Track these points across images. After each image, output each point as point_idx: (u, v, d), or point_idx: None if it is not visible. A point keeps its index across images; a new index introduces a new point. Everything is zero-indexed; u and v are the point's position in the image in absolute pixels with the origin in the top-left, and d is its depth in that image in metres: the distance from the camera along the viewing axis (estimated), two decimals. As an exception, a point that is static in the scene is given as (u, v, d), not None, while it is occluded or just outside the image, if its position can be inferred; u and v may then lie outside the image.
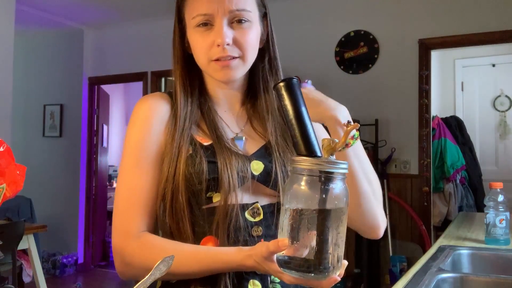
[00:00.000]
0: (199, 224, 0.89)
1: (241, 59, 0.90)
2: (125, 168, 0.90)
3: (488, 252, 1.57)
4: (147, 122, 0.91)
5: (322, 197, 0.67)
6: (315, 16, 4.15)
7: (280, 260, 0.69)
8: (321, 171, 0.67)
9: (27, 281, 3.46)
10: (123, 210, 0.88)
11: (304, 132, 0.74)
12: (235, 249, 0.80)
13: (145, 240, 0.85)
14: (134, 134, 0.91)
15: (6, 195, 0.72)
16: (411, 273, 1.26)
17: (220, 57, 0.88)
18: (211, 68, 0.90)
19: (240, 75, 0.92)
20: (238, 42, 0.89)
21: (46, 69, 5.52)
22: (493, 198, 1.66)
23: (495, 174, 4.71)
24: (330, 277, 0.67)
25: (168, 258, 0.67)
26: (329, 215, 0.66)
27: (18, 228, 2.85)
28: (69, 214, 5.26)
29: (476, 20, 3.62)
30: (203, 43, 0.89)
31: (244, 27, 0.89)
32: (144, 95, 0.98)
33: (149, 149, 0.90)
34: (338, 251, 0.68)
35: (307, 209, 0.67)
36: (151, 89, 5.01)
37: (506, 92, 5.02)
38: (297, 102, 0.76)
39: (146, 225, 0.88)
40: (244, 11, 0.89)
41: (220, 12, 0.87)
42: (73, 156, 5.31)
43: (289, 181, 0.70)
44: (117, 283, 4.93)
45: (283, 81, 0.77)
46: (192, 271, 0.83)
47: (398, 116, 3.85)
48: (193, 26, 0.90)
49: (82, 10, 4.77)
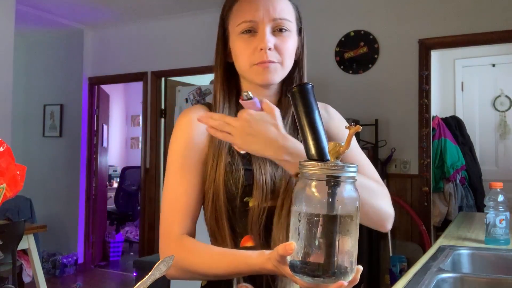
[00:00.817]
0: (237, 224, 0.96)
1: (280, 65, 0.97)
2: (170, 175, 0.98)
3: (488, 252, 1.57)
4: (188, 133, 0.99)
5: (329, 201, 0.67)
6: (315, 16, 4.15)
7: (292, 264, 0.69)
8: (328, 175, 0.67)
9: (27, 281, 3.47)
10: (167, 214, 0.96)
11: (315, 137, 0.75)
12: (258, 253, 0.83)
13: (184, 243, 0.93)
14: (177, 145, 0.99)
15: (6, 195, 0.72)
16: (411, 273, 1.26)
17: (262, 61, 0.94)
18: (253, 72, 0.96)
19: (278, 79, 0.98)
20: (278, 48, 0.96)
21: (46, 69, 5.52)
22: (493, 198, 1.66)
23: (495, 174, 4.72)
24: (337, 282, 0.67)
25: (168, 258, 0.67)
26: (336, 220, 0.66)
27: (18, 228, 2.85)
28: (69, 214, 5.26)
29: (476, 20, 3.62)
30: (247, 48, 0.96)
31: (285, 35, 0.97)
32: (186, 109, 1.06)
33: (190, 158, 0.98)
34: (348, 256, 0.67)
35: (315, 213, 0.67)
36: (151, 89, 5.01)
37: (506, 92, 5.02)
38: (310, 107, 0.77)
39: (186, 228, 0.95)
40: (286, 20, 0.96)
41: (264, 20, 0.95)
42: (73, 156, 5.31)
43: (298, 185, 0.71)
44: (117, 283, 4.93)
45: (297, 86, 0.79)
46: (221, 273, 0.88)
47: (398, 116, 3.85)
48: (238, 33, 0.97)
49: (82, 10, 4.77)
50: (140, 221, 5.11)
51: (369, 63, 3.96)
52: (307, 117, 0.77)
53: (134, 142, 8.03)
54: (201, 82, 4.08)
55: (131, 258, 5.52)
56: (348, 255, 0.67)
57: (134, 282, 4.11)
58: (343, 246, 0.67)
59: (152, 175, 4.93)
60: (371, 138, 3.86)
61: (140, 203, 5.34)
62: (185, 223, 0.95)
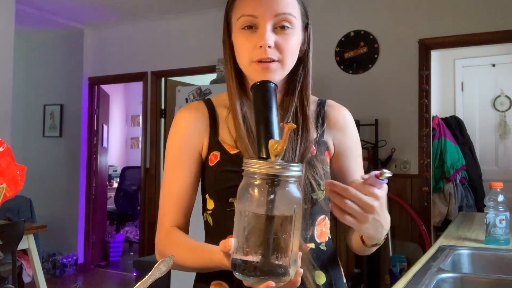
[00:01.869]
0: (228, 223, 0.94)
1: (280, 63, 0.93)
2: (165, 169, 1.02)
3: (488, 252, 1.57)
4: (185, 129, 1.01)
5: (267, 201, 0.65)
6: (315, 16, 4.13)
7: (233, 261, 0.69)
8: (268, 174, 0.65)
9: (27, 281, 3.47)
10: (161, 207, 1.02)
11: (265, 136, 0.74)
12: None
13: (170, 235, 0.97)
14: (172, 141, 1.02)
15: (6, 195, 0.72)
16: (411, 273, 1.26)
17: (261, 58, 0.91)
18: (252, 69, 0.94)
19: (278, 79, 0.94)
20: (279, 46, 0.92)
21: (46, 69, 5.52)
22: (493, 198, 1.66)
23: (495, 174, 4.71)
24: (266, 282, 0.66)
25: (168, 258, 0.68)
26: (272, 220, 0.65)
27: (18, 228, 2.85)
28: (69, 214, 5.26)
29: (476, 20, 3.62)
30: (246, 44, 0.92)
31: (287, 32, 0.92)
32: (184, 105, 1.06)
33: (184, 154, 1.00)
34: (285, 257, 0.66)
35: (253, 212, 0.66)
36: (151, 89, 5.01)
37: (506, 92, 5.02)
38: (267, 105, 0.77)
39: (176, 221, 0.99)
40: (290, 15, 0.92)
41: (266, 16, 0.91)
42: (73, 156, 5.31)
43: (242, 183, 0.69)
44: (117, 283, 4.93)
45: (260, 82, 0.79)
46: (194, 266, 0.91)
47: (398, 116, 3.85)
48: (238, 28, 0.94)
49: (82, 10, 4.77)
50: (140, 221, 5.11)
51: (369, 63, 3.96)
52: (263, 115, 0.76)
53: (134, 142, 8.03)
54: (201, 82, 4.08)
55: (131, 258, 5.52)
56: (285, 256, 0.66)
57: (134, 282, 4.11)
58: (280, 246, 0.65)
59: (152, 175, 4.94)
60: (371, 138, 3.86)
61: (140, 203, 5.34)
62: (175, 216, 0.99)
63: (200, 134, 1.00)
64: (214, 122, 1.01)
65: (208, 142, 1.00)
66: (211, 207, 1.00)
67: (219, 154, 0.98)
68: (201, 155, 1.01)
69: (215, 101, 1.05)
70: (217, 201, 0.97)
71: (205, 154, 1.00)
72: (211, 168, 0.98)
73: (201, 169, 1.02)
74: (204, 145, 1.01)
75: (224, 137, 0.99)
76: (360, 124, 3.86)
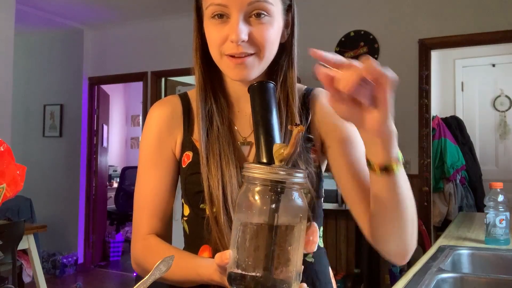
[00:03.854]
0: (202, 231, 0.87)
1: (257, 56, 0.81)
2: (138, 172, 0.95)
3: (488, 252, 1.57)
4: (155, 129, 0.93)
5: (270, 209, 0.60)
6: (315, 16, 4.15)
7: (230, 275, 0.62)
8: (271, 180, 0.60)
9: (27, 281, 3.46)
10: (136, 212, 0.93)
11: (266, 138, 0.69)
12: (209, 263, 0.75)
13: (148, 243, 0.89)
14: (143, 141, 0.94)
15: (6, 195, 0.72)
16: (411, 273, 1.26)
17: (234, 53, 0.80)
18: (224, 64, 0.83)
19: (255, 74, 0.83)
20: (254, 38, 0.79)
21: (46, 69, 5.52)
22: (493, 198, 1.66)
23: (495, 174, 4.71)
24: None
25: (168, 258, 0.67)
26: (275, 230, 0.60)
27: (18, 228, 2.85)
28: (69, 214, 5.26)
29: (476, 20, 3.62)
30: (217, 35, 0.81)
31: (263, 22, 0.80)
32: (158, 101, 0.97)
33: (157, 154, 0.92)
34: (289, 270, 0.61)
35: (254, 222, 0.61)
36: (151, 89, 5.01)
37: (506, 92, 5.02)
38: (267, 107, 0.72)
39: (154, 228, 0.91)
40: (265, 2, 0.79)
41: (237, 5, 0.78)
42: (73, 156, 5.31)
43: (241, 190, 0.64)
44: (117, 283, 4.93)
45: (257, 83, 0.74)
46: (176, 279, 0.83)
47: (398, 116, 3.82)
48: (208, 16, 0.82)
49: (82, 10, 4.77)
50: (140, 221, 5.10)
51: (369, 63, 3.95)
52: (262, 117, 0.71)
53: (134, 142, 8.03)
54: (201, 82, 4.08)
55: (131, 258, 5.51)
56: (288, 269, 0.60)
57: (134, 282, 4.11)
58: (283, 259, 0.60)
59: (152, 175, 4.93)
60: (371, 138, 3.86)
61: (140, 203, 5.32)
62: (152, 222, 0.91)
63: (173, 132, 0.92)
64: (188, 118, 0.92)
65: (182, 140, 0.91)
66: (187, 213, 0.92)
67: (192, 154, 0.89)
68: (175, 155, 0.92)
69: (192, 95, 0.94)
70: (189, 207, 0.90)
71: (179, 153, 0.92)
72: (183, 170, 0.90)
73: (177, 169, 0.93)
74: (178, 144, 0.92)
75: (197, 135, 0.89)
76: (360, 124, 3.86)
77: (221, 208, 0.81)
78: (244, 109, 0.91)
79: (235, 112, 0.92)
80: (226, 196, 0.81)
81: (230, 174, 0.82)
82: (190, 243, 0.92)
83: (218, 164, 0.83)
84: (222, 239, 0.81)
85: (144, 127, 0.95)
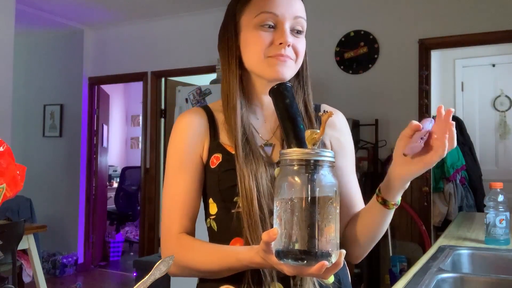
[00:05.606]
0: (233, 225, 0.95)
1: (294, 62, 0.97)
2: (168, 175, 1.01)
3: (488, 252, 1.57)
4: (186, 134, 1.01)
5: (308, 185, 0.68)
6: (315, 16, 4.15)
7: (277, 251, 0.70)
8: (306, 159, 0.69)
9: (27, 281, 3.47)
10: (167, 213, 0.99)
11: (293, 129, 0.80)
12: (248, 248, 0.85)
13: (182, 241, 0.95)
14: (173, 146, 1.02)
15: (6, 195, 0.72)
16: (411, 273, 1.26)
17: (279, 53, 0.94)
18: (266, 63, 0.95)
19: (289, 76, 0.97)
20: (294, 47, 0.96)
21: (46, 69, 5.52)
22: (493, 198, 1.66)
23: (495, 174, 4.72)
24: (319, 263, 0.68)
25: (168, 258, 0.68)
26: (315, 203, 0.68)
27: (18, 228, 2.85)
28: (69, 214, 5.26)
29: (476, 20, 3.62)
30: (264, 39, 0.94)
31: (300, 36, 0.98)
32: (185, 111, 1.06)
33: (188, 159, 1.00)
34: (330, 239, 0.69)
35: (295, 198, 0.69)
36: (151, 89, 5.01)
37: (506, 92, 5.02)
38: (290, 103, 0.83)
39: (185, 227, 0.98)
40: (303, 19, 0.98)
41: (286, 16, 0.94)
42: (73, 156, 5.31)
43: (279, 175, 0.73)
44: (117, 283, 4.93)
45: (278, 85, 0.85)
46: (215, 268, 0.90)
47: (398, 116, 3.85)
48: (255, 24, 0.95)
49: (82, 10, 4.77)
50: (140, 221, 5.10)
51: (369, 63, 3.96)
52: (287, 112, 0.82)
53: (134, 142, 8.03)
54: (201, 82, 4.08)
55: (131, 258, 5.52)
56: (330, 238, 0.69)
57: (134, 282, 4.11)
58: (324, 229, 0.68)
59: (152, 175, 4.93)
60: (371, 138, 3.86)
61: (140, 203, 5.34)
62: (183, 221, 0.97)
63: (201, 137, 1.01)
64: (214, 125, 1.02)
65: (209, 145, 1.00)
66: (214, 211, 0.99)
67: (221, 155, 0.98)
68: (202, 159, 1.01)
69: (213, 107, 1.06)
70: (222, 202, 0.97)
71: (206, 157, 1.00)
72: (213, 171, 0.98)
73: (203, 173, 1.01)
74: (205, 149, 1.01)
75: (224, 139, 0.99)
76: (360, 124, 3.86)
77: (254, 199, 0.90)
78: (263, 117, 1.04)
79: (254, 119, 1.03)
80: (258, 188, 0.91)
81: (260, 170, 0.93)
82: (219, 240, 0.97)
83: (252, 161, 0.93)
84: (254, 229, 0.89)
85: (173, 133, 1.03)
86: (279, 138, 1.01)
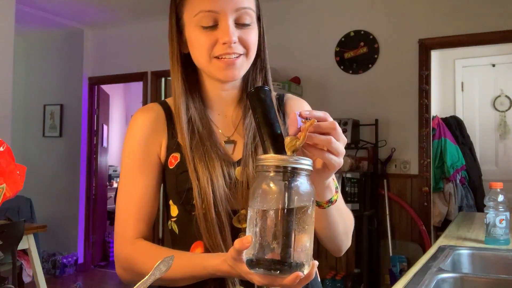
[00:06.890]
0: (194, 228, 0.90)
1: (245, 56, 0.90)
2: (122, 177, 0.95)
3: (488, 252, 1.57)
4: (140, 133, 0.95)
5: (285, 193, 0.66)
6: (315, 16, 4.15)
7: (249, 259, 0.68)
8: (284, 167, 0.67)
9: (27, 281, 3.47)
10: (120, 217, 0.93)
11: (271, 134, 0.76)
12: (215, 255, 0.81)
13: (138, 247, 0.89)
14: (128, 146, 0.95)
15: (6, 195, 0.72)
16: (411, 273, 1.26)
17: (225, 54, 0.87)
18: (214, 66, 0.89)
19: (243, 73, 0.92)
20: (243, 40, 0.88)
21: (46, 69, 5.52)
22: (493, 198, 1.66)
23: (495, 174, 4.71)
24: (294, 273, 0.65)
25: (168, 258, 0.67)
26: (292, 213, 0.66)
27: (18, 228, 2.85)
28: (69, 214, 5.26)
29: (476, 20, 3.62)
30: (206, 40, 0.88)
31: (248, 28, 0.89)
32: (140, 108, 1.01)
33: (142, 159, 0.94)
34: (304, 250, 0.67)
35: (271, 207, 0.66)
36: (151, 89, 5.01)
37: (506, 92, 5.02)
38: (267, 108, 0.79)
39: (141, 232, 0.92)
40: (249, 9, 0.89)
41: (227, 11, 0.86)
42: (73, 156, 5.31)
43: (256, 181, 0.70)
44: (117, 283, 4.93)
45: (255, 89, 0.81)
46: (177, 276, 0.84)
47: (398, 116, 3.85)
48: (195, 24, 0.88)
49: (82, 10, 4.77)
50: (140, 221, 5.10)
51: (369, 63, 3.96)
52: (264, 117, 0.77)
53: (134, 142, 8.02)
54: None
55: (131, 258, 5.51)
56: (304, 248, 0.67)
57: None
58: (299, 239, 0.66)
59: (152, 175, 4.93)
60: (371, 138, 3.86)
61: (140, 203, 5.33)
62: (139, 226, 0.92)
63: (157, 136, 0.95)
64: (172, 122, 0.96)
65: (167, 144, 0.95)
66: (175, 213, 0.94)
67: (179, 155, 0.92)
68: (160, 158, 0.95)
69: (171, 102, 1.00)
70: (180, 205, 0.92)
71: (164, 157, 0.95)
72: (171, 171, 0.93)
73: (162, 173, 0.95)
74: (163, 148, 0.95)
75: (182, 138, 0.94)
76: (360, 124, 3.86)
77: (211, 203, 0.85)
78: (224, 111, 0.98)
79: (215, 115, 0.98)
80: (214, 192, 0.86)
81: (217, 172, 0.88)
82: (179, 243, 0.93)
83: (205, 163, 0.88)
84: (211, 234, 0.85)
85: (128, 132, 0.96)
86: (242, 135, 0.95)
